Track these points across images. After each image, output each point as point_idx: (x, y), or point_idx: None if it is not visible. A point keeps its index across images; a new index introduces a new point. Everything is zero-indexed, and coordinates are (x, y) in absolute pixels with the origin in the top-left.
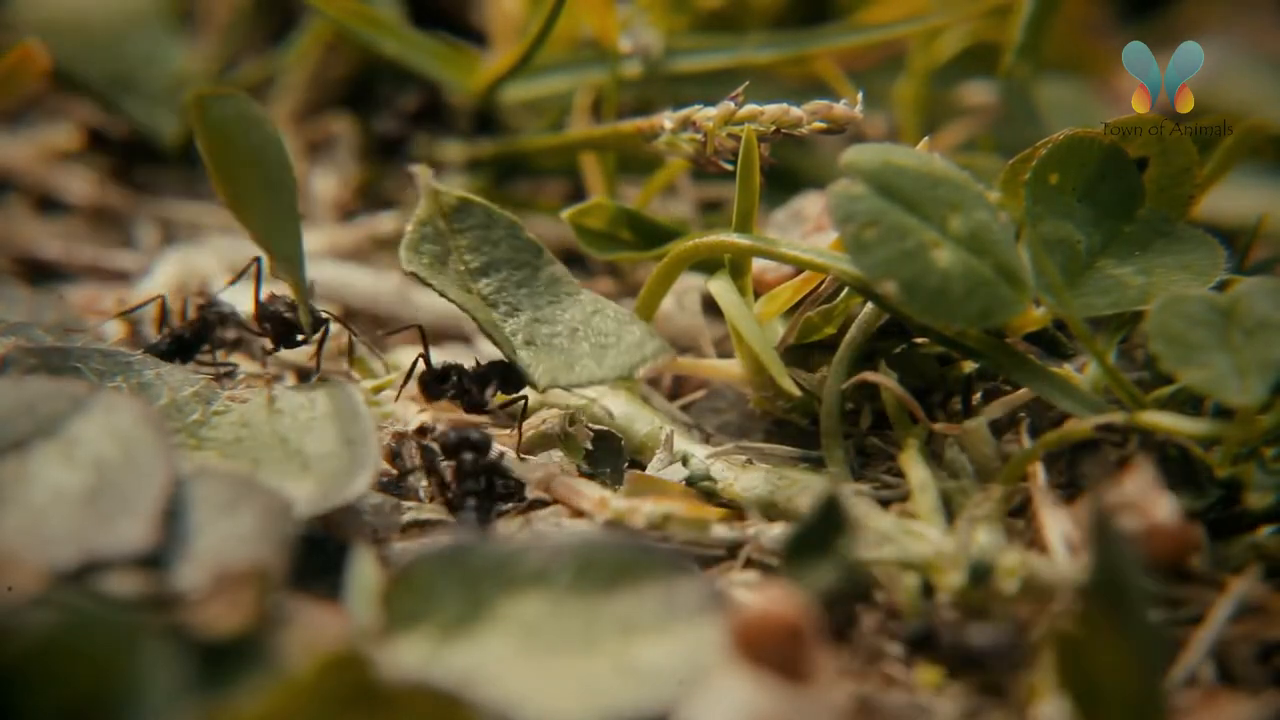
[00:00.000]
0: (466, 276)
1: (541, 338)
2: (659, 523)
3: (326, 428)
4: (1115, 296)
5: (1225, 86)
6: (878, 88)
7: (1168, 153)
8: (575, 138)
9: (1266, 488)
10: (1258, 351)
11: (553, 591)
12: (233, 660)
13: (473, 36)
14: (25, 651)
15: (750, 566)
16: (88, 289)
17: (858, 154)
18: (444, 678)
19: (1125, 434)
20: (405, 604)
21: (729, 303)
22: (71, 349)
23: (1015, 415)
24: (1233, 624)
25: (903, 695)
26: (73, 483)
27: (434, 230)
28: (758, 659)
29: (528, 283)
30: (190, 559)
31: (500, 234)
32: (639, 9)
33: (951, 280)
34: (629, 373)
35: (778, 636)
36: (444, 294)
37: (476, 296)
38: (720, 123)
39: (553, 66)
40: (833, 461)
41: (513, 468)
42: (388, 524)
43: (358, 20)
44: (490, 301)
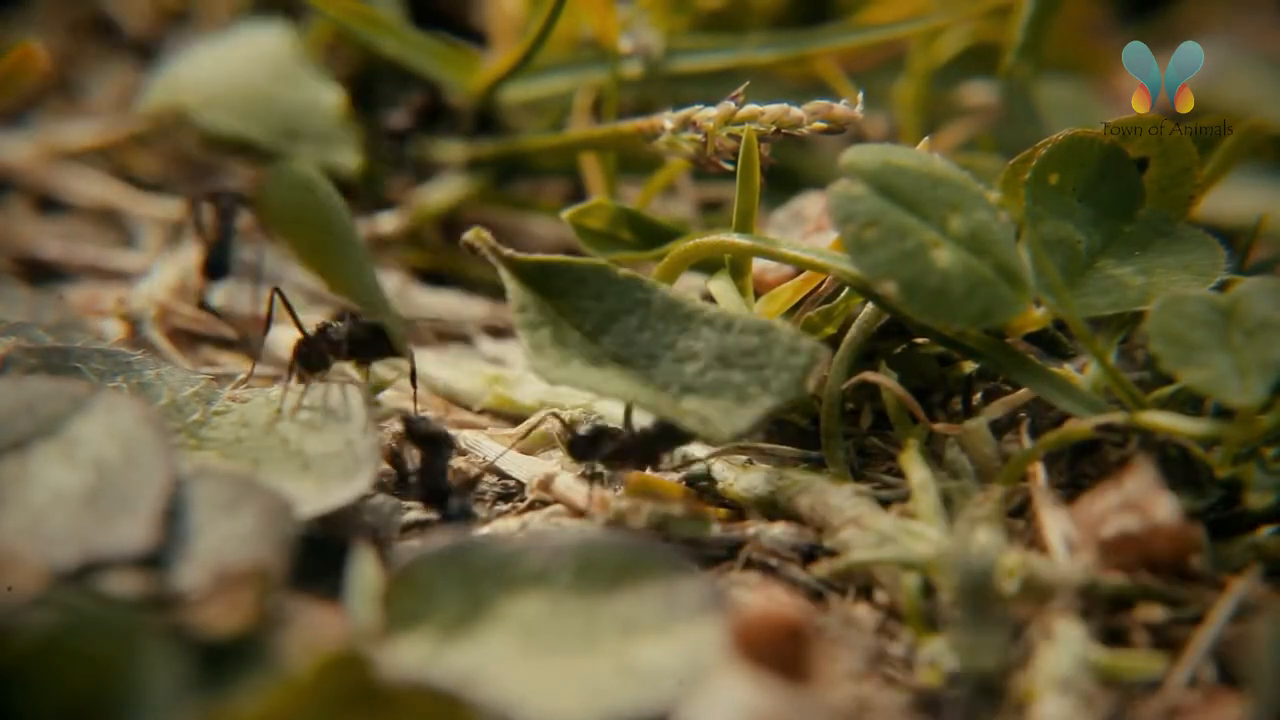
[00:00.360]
0: (588, 343)
1: (694, 380)
2: (659, 523)
3: (326, 428)
4: (1115, 297)
5: (1225, 86)
6: (878, 88)
7: (1168, 153)
8: (575, 138)
9: (1267, 488)
10: (1258, 351)
11: (553, 591)
12: (233, 660)
13: (473, 36)
14: (25, 651)
15: (750, 566)
16: (88, 289)
17: (858, 154)
18: (444, 678)
19: (1125, 434)
20: (405, 604)
21: (729, 303)
22: (72, 349)
23: (1015, 415)
24: (1233, 624)
25: (903, 695)
26: (73, 483)
27: (535, 309)
28: (758, 659)
29: (649, 323)
30: (190, 559)
31: (596, 282)
32: (639, 9)
33: (951, 280)
34: (801, 390)
35: (778, 636)
36: (592, 389)
37: (610, 363)
38: (720, 123)
39: (553, 67)
40: (833, 462)
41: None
42: (388, 524)
43: (358, 20)
44: (624, 359)
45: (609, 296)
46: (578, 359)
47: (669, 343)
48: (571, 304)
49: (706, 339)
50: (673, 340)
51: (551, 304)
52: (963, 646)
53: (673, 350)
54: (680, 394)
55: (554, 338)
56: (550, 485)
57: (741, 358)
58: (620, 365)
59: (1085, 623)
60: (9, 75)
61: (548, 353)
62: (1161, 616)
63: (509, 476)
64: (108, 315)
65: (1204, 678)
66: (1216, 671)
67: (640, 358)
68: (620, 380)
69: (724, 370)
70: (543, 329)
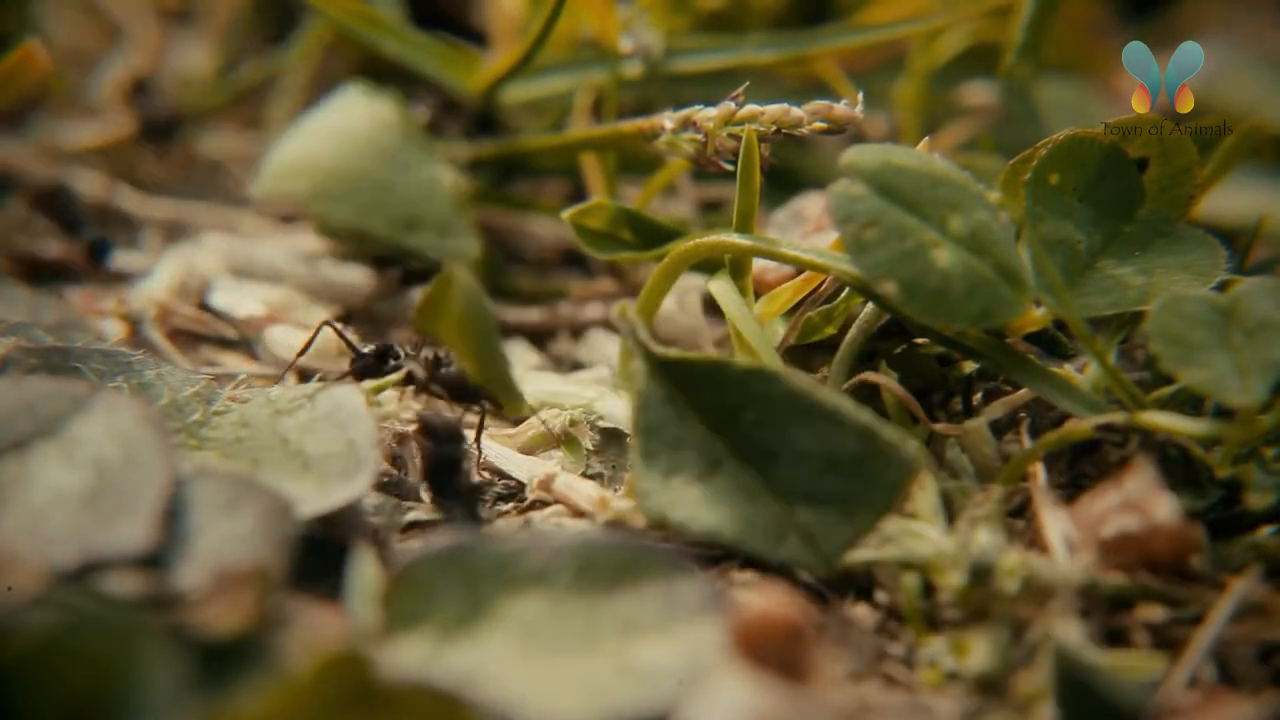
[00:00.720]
0: (708, 440)
1: (808, 485)
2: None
3: (327, 428)
4: (1115, 297)
5: (1225, 86)
6: (878, 88)
7: (1168, 153)
8: (576, 138)
9: (1267, 488)
10: (1258, 352)
11: (553, 591)
12: (233, 660)
13: (473, 37)
14: (25, 651)
15: (750, 566)
16: (88, 289)
17: (858, 154)
18: (444, 678)
19: (1125, 434)
20: (405, 604)
21: (729, 303)
22: (72, 349)
23: (1015, 415)
24: (1233, 624)
25: (903, 695)
26: (73, 483)
27: (659, 402)
28: (758, 659)
29: (769, 417)
30: (190, 559)
31: (720, 375)
32: (639, 9)
33: (951, 280)
34: (895, 508)
35: (778, 636)
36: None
37: (725, 468)
38: (721, 123)
39: (553, 67)
40: None
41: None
42: (388, 524)
43: (358, 20)
44: (747, 455)
45: (736, 389)
46: (690, 469)
47: (787, 440)
48: (699, 399)
49: (820, 436)
50: (791, 437)
51: (679, 398)
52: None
53: (791, 449)
54: (795, 503)
55: (672, 440)
56: (550, 485)
57: (847, 463)
58: (738, 468)
59: (1085, 623)
60: (9, 75)
61: (657, 462)
62: (1161, 616)
63: (509, 476)
64: (108, 315)
65: (1204, 678)
66: (1216, 671)
67: (759, 457)
68: (720, 505)
69: (833, 476)
70: (663, 429)
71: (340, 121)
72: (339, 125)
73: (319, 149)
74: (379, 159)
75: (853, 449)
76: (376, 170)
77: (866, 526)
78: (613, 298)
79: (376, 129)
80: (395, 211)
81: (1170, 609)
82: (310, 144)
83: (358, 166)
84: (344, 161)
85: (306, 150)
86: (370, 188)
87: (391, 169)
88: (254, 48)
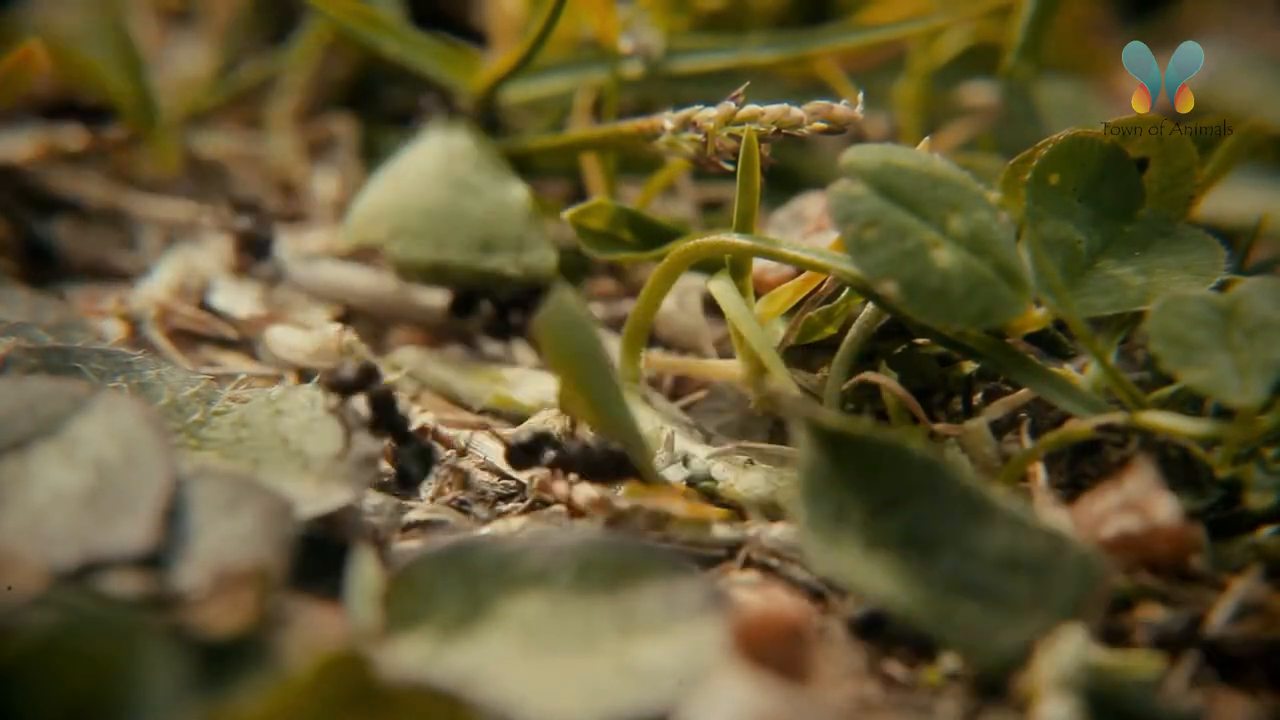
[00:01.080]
0: (870, 522)
1: (975, 580)
2: (660, 523)
3: (327, 428)
4: (1115, 297)
5: (1225, 86)
6: (878, 88)
7: (1168, 153)
8: (576, 138)
9: (1267, 488)
10: (1258, 352)
11: (553, 591)
12: (233, 660)
13: (473, 37)
14: (25, 651)
15: (751, 567)
16: (88, 289)
17: (858, 154)
18: (444, 678)
19: (1125, 434)
20: (405, 604)
21: (729, 303)
22: (72, 349)
23: (1016, 415)
24: (1233, 624)
25: (903, 695)
26: (73, 483)
27: (825, 475)
28: (758, 659)
29: (940, 510)
30: (190, 559)
31: (893, 457)
32: (639, 9)
33: (952, 280)
34: (1081, 615)
35: (778, 636)
36: (855, 586)
37: (888, 548)
38: (721, 123)
39: (553, 67)
40: None
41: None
42: (388, 524)
43: (358, 21)
44: (906, 544)
45: (905, 474)
46: (853, 541)
47: (957, 534)
48: (863, 477)
49: (996, 537)
50: (961, 532)
51: (843, 472)
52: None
53: (959, 544)
54: (956, 597)
55: (835, 511)
56: (550, 485)
57: (1027, 564)
58: (900, 551)
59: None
60: (9, 75)
61: (822, 528)
62: (1161, 616)
63: (509, 477)
64: (108, 315)
65: (1203, 678)
66: (1216, 671)
67: (923, 546)
68: (889, 578)
69: (1007, 575)
70: (826, 498)
71: (415, 160)
72: (413, 164)
73: (394, 191)
74: (451, 189)
75: (1035, 550)
76: (450, 200)
77: (1042, 629)
78: (613, 298)
79: (449, 160)
80: (469, 237)
81: (1170, 609)
82: (386, 187)
83: (431, 200)
84: (417, 198)
85: (382, 194)
86: (445, 218)
87: (464, 196)
88: (254, 48)
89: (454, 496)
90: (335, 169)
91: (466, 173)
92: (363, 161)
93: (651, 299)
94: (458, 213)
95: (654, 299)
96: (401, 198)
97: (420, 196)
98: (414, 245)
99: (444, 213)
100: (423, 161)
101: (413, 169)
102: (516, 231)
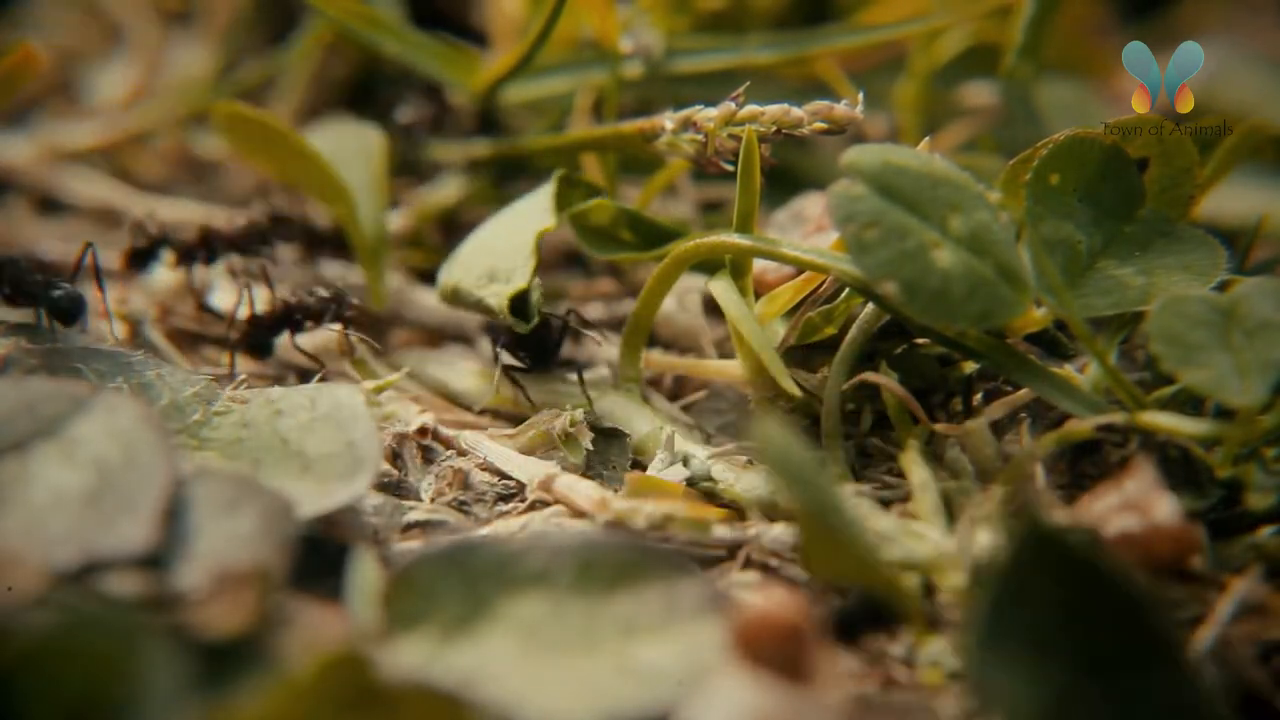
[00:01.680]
0: (1067, 667)
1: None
2: (660, 523)
3: (327, 428)
4: (1116, 297)
5: (1225, 86)
6: (878, 88)
7: (1168, 153)
8: (576, 138)
9: (1267, 488)
10: (1258, 352)
11: (553, 592)
12: (233, 661)
13: (473, 37)
14: (25, 652)
15: (751, 567)
16: (88, 289)
17: (858, 154)
18: (444, 678)
19: (1126, 434)
20: (406, 604)
21: (730, 303)
22: (72, 349)
23: (1016, 416)
24: (1233, 624)
25: (903, 695)
26: (73, 483)
27: (1019, 588)
28: (758, 659)
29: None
30: (191, 559)
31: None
32: (640, 10)
33: (952, 281)
34: None
35: (778, 637)
36: None
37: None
38: (721, 123)
39: (553, 67)
40: (834, 462)
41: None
42: (388, 524)
43: (359, 21)
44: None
45: (1106, 600)
46: (1027, 681)
47: (1131, 677)
48: (1071, 605)
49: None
50: (1136, 675)
51: (1046, 584)
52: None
53: (1129, 686)
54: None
55: (1024, 641)
56: (551, 486)
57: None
58: (1069, 676)
59: None
60: (9, 75)
61: (997, 651)
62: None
63: (509, 477)
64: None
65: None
66: (1216, 671)
67: (1094, 677)
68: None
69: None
70: (1013, 623)
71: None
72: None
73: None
74: (499, 228)
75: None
76: (493, 234)
77: None
78: (613, 298)
79: (520, 212)
80: (483, 268)
81: (1170, 609)
82: (473, 242)
83: (481, 241)
84: (477, 242)
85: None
86: (479, 250)
87: (506, 232)
88: (254, 48)
89: (454, 497)
90: None
91: (519, 216)
92: None
93: (652, 299)
94: (488, 246)
95: (654, 299)
96: (468, 247)
97: (479, 241)
98: (448, 271)
99: (482, 246)
100: (503, 217)
101: (501, 223)
102: (513, 264)
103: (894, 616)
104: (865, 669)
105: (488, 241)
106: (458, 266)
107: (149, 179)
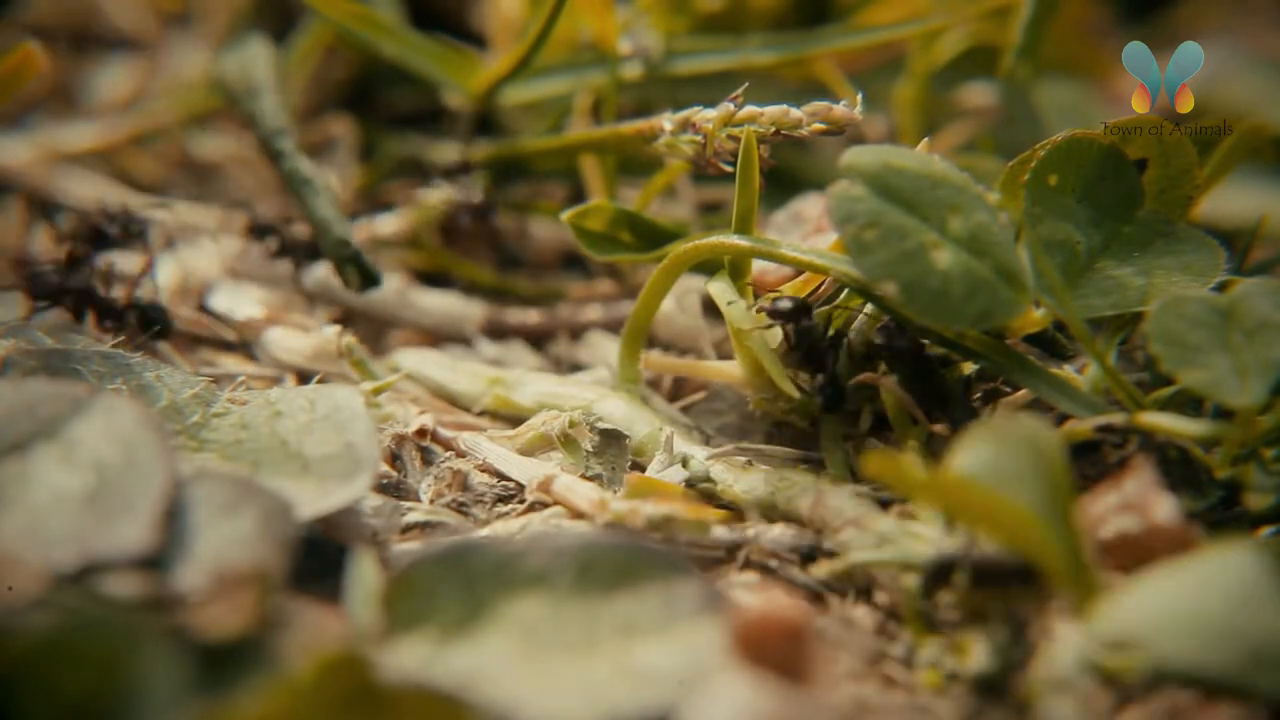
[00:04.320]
0: None
1: None
2: (659, 524)
3: (326, 429)
4: (1115, 298)
5: (1225, 86)
6: (877, 89)
7: (1167, 154)
8: (575, 140)
9: (1266, 489)
10: (1258, 352)
11: (553, 593)
12: (233, 662)
13: (472, 39)
14: (25, 652)
15: (750, 568)
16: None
17: (857, 155)
18: (444, 679)
19: (1125, 435)
20: (405, 606)
21: (729, 304)
22: (72, 351)
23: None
24: None
25: (903, 695)
26: (73, 484)
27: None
28: (758, 660)
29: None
30: (190, 561)
31: None
32: (639, 11)
33: (951, 281)
34: None
35: (778, 637)
36: None
37: None
38: (720, 124)
39: (552, 69)
40: (833, 463)
41: None
42: (388, 526)
43: (357, 22)
44: None
45: None
46: None
47: None
48: None
49: None
50: None
51: None
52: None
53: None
54: None
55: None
56: (550, 487)
57: None
58: None
59: None
60: (9, 76)
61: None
62: None
63: (509, 478)
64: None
65: None
66: None
67: None
68: None
69: None
70: None
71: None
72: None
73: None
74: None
75: None
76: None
77: None
78: (612, 299)
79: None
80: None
81: None
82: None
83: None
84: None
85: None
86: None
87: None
88: None
89: (453, 498)
90: (335, 169)
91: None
92: (362, 162)
93: (651, 300)
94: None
95: (653, 300)
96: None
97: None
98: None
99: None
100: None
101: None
102: None
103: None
104: (865, 669)
105: None
106: None
107: (148, 180)
